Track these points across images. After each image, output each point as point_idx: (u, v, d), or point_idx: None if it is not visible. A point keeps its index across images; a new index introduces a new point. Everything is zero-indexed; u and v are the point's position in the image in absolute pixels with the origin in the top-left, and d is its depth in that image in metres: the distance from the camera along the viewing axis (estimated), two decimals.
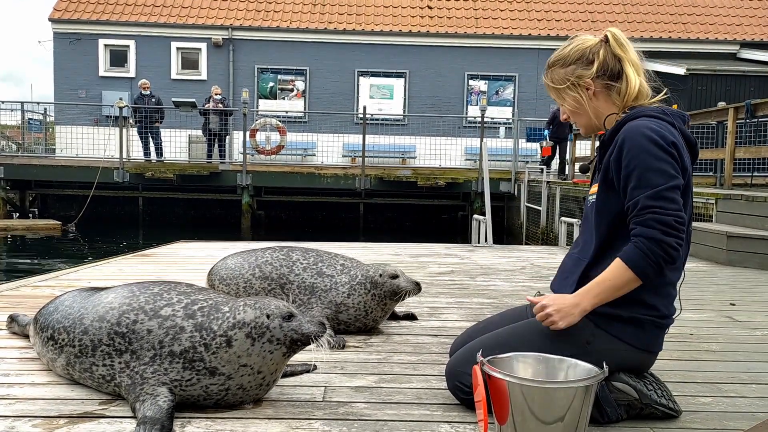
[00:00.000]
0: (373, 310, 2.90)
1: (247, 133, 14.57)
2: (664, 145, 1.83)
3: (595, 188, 2.00)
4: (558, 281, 2.09)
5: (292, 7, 19.23)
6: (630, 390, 1.91)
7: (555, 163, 13.71)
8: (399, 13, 19.29)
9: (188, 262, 5.30)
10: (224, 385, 1.93)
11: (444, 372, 2.11)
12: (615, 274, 1.81)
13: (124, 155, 14.36)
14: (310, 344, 1.94)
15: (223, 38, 18.59)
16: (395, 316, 3.25)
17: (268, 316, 1.94)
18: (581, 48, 2.01)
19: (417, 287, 2.86)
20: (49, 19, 18.44)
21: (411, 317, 3.30)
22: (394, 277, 2.86)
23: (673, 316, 1.97)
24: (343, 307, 2.89)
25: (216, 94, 15.28)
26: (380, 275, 2.86)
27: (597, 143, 2.11)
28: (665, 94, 2.05)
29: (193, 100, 15.80)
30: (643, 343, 1.92)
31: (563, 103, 2.06)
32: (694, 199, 8.02)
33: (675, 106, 2.16)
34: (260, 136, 15.32)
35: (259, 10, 19.09)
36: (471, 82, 19.01)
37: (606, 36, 2.00)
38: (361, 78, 18.92)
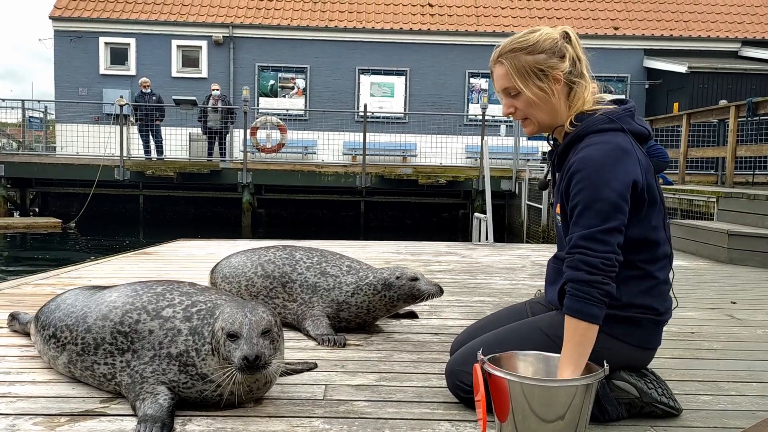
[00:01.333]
0: (376, 309, 2.89)
1: (248, 131, 14.57)
2: (610, 181, 1.75)
3: (558, 208, 1.96)
4: (546, 289, 2.12)
5: (292, 5, 19.22)
6: (631, 388, 1.91)
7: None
8: (400, 11, 19.27)
9: (189, 260, 5.30)
10: (216, 390, 1.91)
11: (444, 370, 2.12)
12: (570, 332, 1.74)
13: (125, 153, 14.36)
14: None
15: (223, 36, 18.58)
16: (396, 315, 3.24)
17: (222, 330, 1.85)
18: (551, 38, 1.87)
19: (440, 290, 2.78)
20: (50, 17, 18.43)
21: (412, 315, 3.30)
22: (414, 279, 2.81)
23: (671, 309, 1.97)
24: (345, 305, 2.88)
25: (214, 90, 15.26)
26: (397, 277, 2.81)
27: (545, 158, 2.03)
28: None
29: (194, 98, 15.78)
30: (641, 341, 1.92)
31: (522, 93, 1.87)
32: (695, 198, 8.00)
33: (676, 105, 2.15)
34: (261, 134, 15.29)
35: (260, 8, 19.07)
36: (472, 80, 18.99)
37: (567, 33, 1.90)
38: (361, 76, 18.90)
